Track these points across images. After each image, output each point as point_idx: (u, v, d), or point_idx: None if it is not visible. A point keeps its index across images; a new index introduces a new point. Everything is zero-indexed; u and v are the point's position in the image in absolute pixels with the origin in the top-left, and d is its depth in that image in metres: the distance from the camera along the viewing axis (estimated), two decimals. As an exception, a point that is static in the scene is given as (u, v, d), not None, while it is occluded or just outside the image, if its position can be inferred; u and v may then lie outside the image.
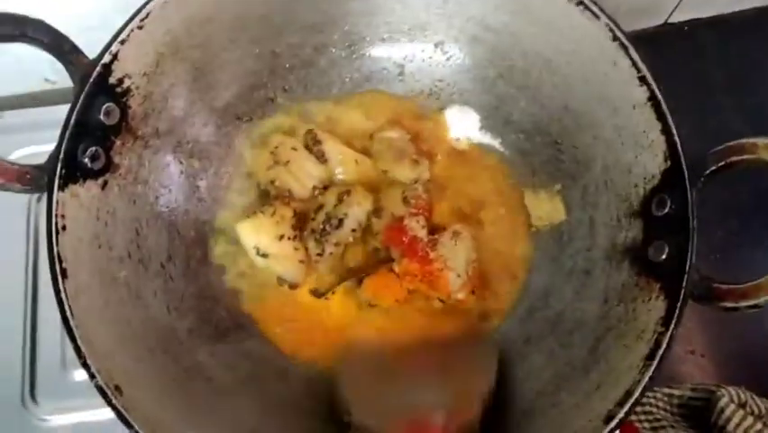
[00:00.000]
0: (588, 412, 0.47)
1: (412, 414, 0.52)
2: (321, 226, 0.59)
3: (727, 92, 0.81)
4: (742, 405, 0.64)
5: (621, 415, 0.45)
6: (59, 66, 0.50)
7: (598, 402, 0.47)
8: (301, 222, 0.60)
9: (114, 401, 0.44)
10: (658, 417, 0.66)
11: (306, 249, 0.59)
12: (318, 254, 0.59)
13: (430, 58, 0.65)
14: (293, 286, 0.59)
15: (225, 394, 0.53)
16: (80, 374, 0.62)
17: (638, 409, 0.64)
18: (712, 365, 0.72)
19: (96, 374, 0.44)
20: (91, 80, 0.50)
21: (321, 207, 0.60)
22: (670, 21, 0.86)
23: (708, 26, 0.85)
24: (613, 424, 0.45)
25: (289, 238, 0.58)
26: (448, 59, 0.64)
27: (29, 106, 0.77)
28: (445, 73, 0.65)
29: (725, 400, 0.63)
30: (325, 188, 0.61)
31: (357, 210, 0.59)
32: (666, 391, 0.67)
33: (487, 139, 0.65)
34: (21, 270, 0.68)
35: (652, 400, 0.66)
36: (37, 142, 0.70)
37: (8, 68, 0.72)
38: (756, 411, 0.64)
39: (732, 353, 0.72)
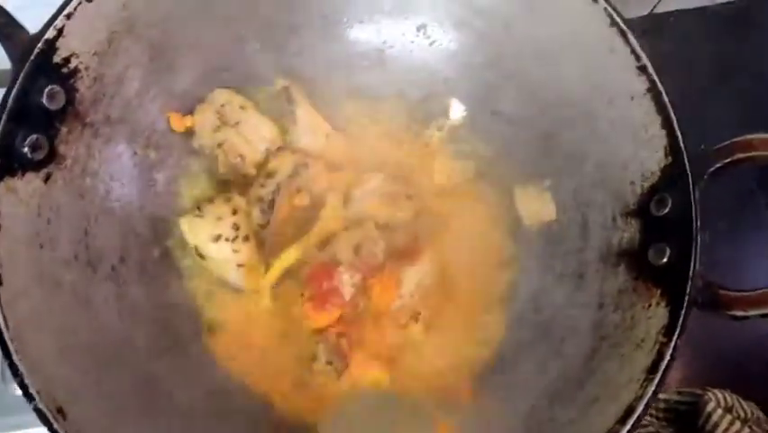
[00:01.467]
0: (585, 429, 0.44)
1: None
2: (270, 197, 0.55)
3: (714, 84, 0.79)
4: (729, 409, 0.62)
5: (623, 433, 0.42)
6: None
7: (597, 418, 0.44)
8: (243, 221, 0.55)
9: (55, 426, 0.39)
10: (644, 422, 0.64)
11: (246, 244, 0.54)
12: (261, 225, 0.55)
13: (412, 42, 0.60)
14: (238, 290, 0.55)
15: (187, 414, 0.48)
16: (23, 388, 0.56)
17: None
18: (697, 369, 0.70)
19: (36, 396, 0.39)
20: (32, 58, 0.44)
21: (272, 174, 0.55)
22: (656, 11, 0.83)
23: (694, 16, 0.83)
24: (615, 444, 0.42)
25: (227, 239, 0.53)
26: (431, 44, 0.60)
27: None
28: (428, 59, 0.60)
29: (712, 404, 0.61)
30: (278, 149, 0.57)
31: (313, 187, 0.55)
32: (652, 395, 0.65)
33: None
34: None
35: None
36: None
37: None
38: (743, 415, 0.63)
39: (716, 356, 0.71)
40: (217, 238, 0.53)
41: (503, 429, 0.49)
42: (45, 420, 0.39)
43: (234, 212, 0.54)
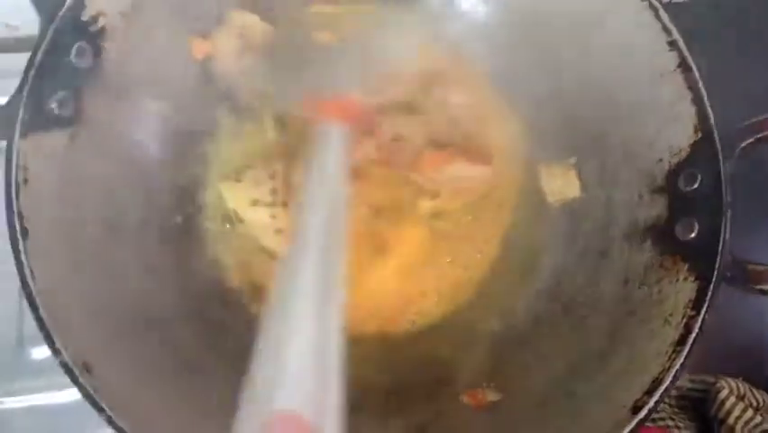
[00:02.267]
0: (609, 402, 0.44)
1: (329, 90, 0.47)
2: None
3: (730, 71, 0.79)
4: (741, 397, 0.62)
5: (651, 405, 0.41)
6: (23, 9, 0.44)
7: (621, 391, 0.43)
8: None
9: (81, 380, 0.38)
10: (657, 409, 0.64)
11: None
12: None
13: (439, 14, 0.60)
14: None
15: (209, 375, 0.48)
16: (38, 352, 0.56)
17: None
18: (708, 356, 0.70)
19: (62, 350, 0.38)
20: (61, 14, 0.44)
21: None
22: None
23: (711, 4, 0.83)
24: (642, 414, 0.41)
25: (265, 204, 0.53)
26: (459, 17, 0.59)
27: (-15, 54, 0.69)
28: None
29: (725, 392, 0.61)
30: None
31: None
32: (665, 382, 0.64)
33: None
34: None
35: (651, 393, 0.63)
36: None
37: (-38, 10, 0.65)
38: (755, 404, 0.62)
39: (727, 343, 0.70)
40: (255, 202, 0.53)
41: (522, 400, 0.49)
42: (71, 374, 0.38)
43: (272, 177, 0.53)
